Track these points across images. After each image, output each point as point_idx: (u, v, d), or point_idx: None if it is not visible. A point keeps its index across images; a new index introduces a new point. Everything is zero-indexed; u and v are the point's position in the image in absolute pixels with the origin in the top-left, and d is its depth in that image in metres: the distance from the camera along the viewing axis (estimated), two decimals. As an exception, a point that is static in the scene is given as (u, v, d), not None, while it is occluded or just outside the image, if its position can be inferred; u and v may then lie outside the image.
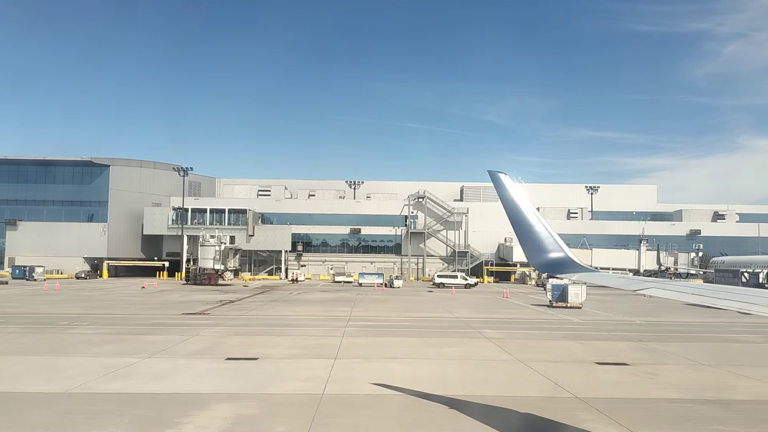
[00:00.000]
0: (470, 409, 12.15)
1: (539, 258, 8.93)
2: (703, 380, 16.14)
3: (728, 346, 23.39)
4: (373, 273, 77.39)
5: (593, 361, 19.01)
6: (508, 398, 13.33)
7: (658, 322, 33.14)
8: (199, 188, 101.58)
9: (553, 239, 8.92)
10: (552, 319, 33.26)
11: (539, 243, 8.93)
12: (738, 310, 5.98)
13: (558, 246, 8.86)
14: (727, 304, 6.06)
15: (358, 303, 43.11)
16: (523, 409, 12.27)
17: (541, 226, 9.06)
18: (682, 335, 26.76)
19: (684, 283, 8.24)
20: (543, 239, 8.93)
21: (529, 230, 9.07)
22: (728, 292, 6.60)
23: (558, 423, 11.36)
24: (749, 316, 34.94)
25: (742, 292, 6.59)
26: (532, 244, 8.98)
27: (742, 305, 5.95)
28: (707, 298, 6.38)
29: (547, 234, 8.97)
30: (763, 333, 27.79)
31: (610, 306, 43.86)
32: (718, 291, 6.73)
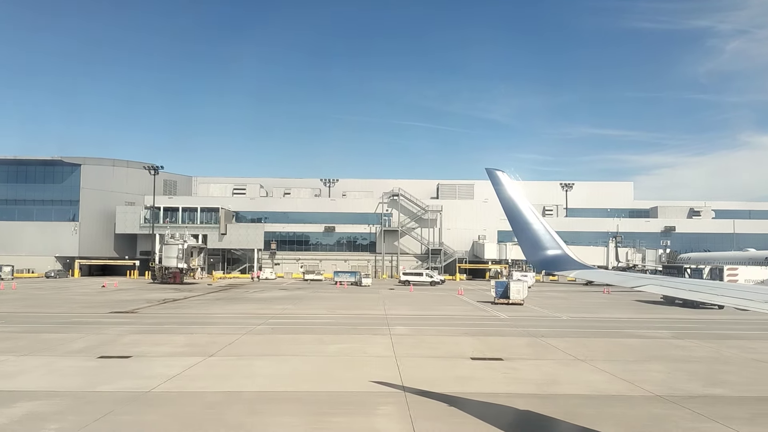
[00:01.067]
0: (258, 403, 12.31)
1: (537, 255, 8.94)
2: (554, 374, 16.18)
3: (627, 341, 23.40)
4: (347, 271, 77.31)
5: (470, 356, 19.04)
6: (317, 393, 13.48)
7: (588, 318, 33.19)
8: (174, 187, 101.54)
9: (551, 236, 8.94)
10: (480, 315, 33.26)
11: (537, 240, 8.94)
12: (735, 307, 6.00)
13: (556, 243, 8.89)
14: (725, 301, 6.07)
15: (302, 300, 43.12)
16: (308, 403, 12.39)
17: (539, 224, 9.07)
18: (593, 331, 26.81)
19: (680, 280, 8.26)
20: (540, 236, 8.95)
21: (527, 227, 9.08)
22: (725, 289, 6.61)
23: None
24: (702, 314, 35.20)
25: (739, 288, 6.56)
26: (529, 242, 9.00)
27: (739, 301, 5.96)
28: (705, 295, 6.41)
29: (545, 231, 8.99)
30: (679, 329, 27.86)
31: (553, 303, 43.97)
32: (714, 288, 6.74)
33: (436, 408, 12.15)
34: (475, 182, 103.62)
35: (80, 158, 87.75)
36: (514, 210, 9.21)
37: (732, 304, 5.94)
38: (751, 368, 17.70)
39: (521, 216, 9.13)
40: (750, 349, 21.59)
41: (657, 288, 7.39)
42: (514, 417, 11.79)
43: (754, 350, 21.30)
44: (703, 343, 23.01)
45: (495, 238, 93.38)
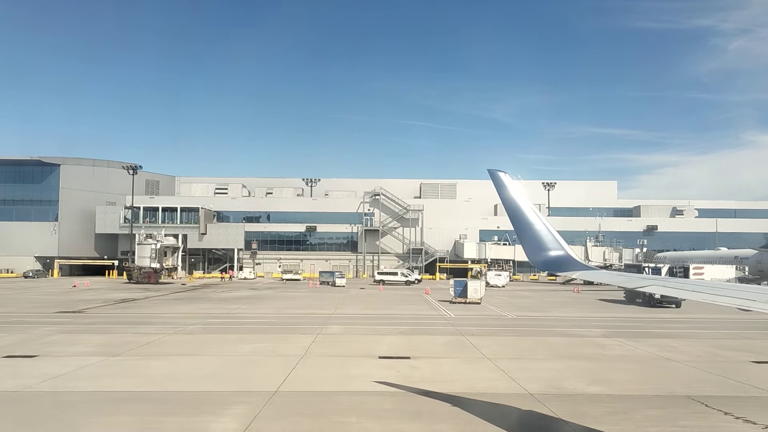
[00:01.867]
0: (109, 404, 12.28)
1: (539, 256, 8.86)
2: (448, 373, 16.13)
3: (552, 340, 23.33)
4: (329, 271, 76.98)
5: (379, 355, 18.94)
6: (179, 393, 13.42)
7: (534, 317, 33.09)
8: (157, 187, 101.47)
9: (553, 237, 8.86)
10: (428, 314, 33.13)
11: (539, 241, 8.86)
12: (738, 307, 5.94)
13: (558, 244, 8.81)
14: (727, 301, 6.02)
15: (261, 300, 43.03)
16: (159, 403, 12.37)
17: (541, 225, 9.00)
18: (529, 330, 26.76)
19: (683, 281, 8.23)
20: (543, 237, 8.87)
21: (529, 228, 9.02)
22: (728, 289, 6.57)
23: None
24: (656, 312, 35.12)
25: (742, 288, 6.54)
26: (532, 243, 8.92)
27: (743, 302, 5.94)
28: (707, 295, 6.38)
29: (547, 232, 8.91)
30: (615, 328, 27.80)
31: (513, 302, 43.93)
32: (717, 288, 6.69)
33: (289, 408, 12.06)
34: (458, 182, 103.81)
35: (59, 158, 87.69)
36: (516, 211, 9.18)
37: (734, 305, 5.93)
38: (652, 367, 17.62)
39: (523, 217, 9.09)
40: (671, 347, 21.50)
41: (659, 289, 7.41)
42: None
43: (674, 349, 21.21)
44: (628, 341, 22.93)
45: (476, 237, 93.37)
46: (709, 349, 21.37)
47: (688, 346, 21.78)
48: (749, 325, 29.13)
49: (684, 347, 21.66)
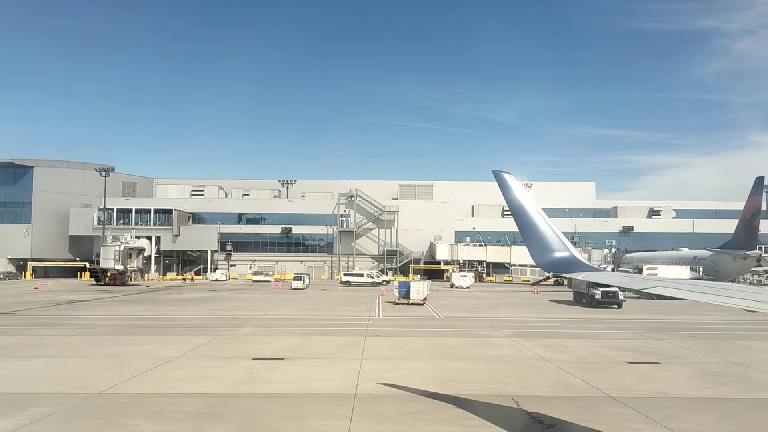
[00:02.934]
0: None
1: (544, 257, 8.83)
2: (302, 375, 16.15)
3: (450, 340, 23.42)
4: (305, 273, 76.72)
5: (254, 357, 18.93)
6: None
7: (464, 318, 33.10)
8: (134, 188, 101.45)
9: (558, 239, 8.84)
10: (360, 316, 33.00)
11: (544, 242, 8.84)
12: (745, 308, 5.94)
13: (563, 245, 8.78)
14: (733, 302, 6.03)
15: (205, 302, 42.86)
16: None
17: (546, 226, 8.96)
18: (442, 330, 26.84)
19: (689, 282, 8.16)
20: (548, 239, 8.83)
21: (534, 230, 8.98)
22: (734, 290, 6.56)
23: None
24: (593, 313, 35.06)
25: (748, 290, 6.53)
26: (536, 244, 8.89)
27: (749, 303, 5.93)
28: (713, 296, 6.37)
29: (552, 233, 8.88)
30: (529, 329, 27.78)
31: (457, 303, 44.01)
32: (723, 289, 6.67)
33: (88, 410, 12.08)
34: (435, 183, 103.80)
35: (32, 160, 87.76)
36: (521, 212, 9.11)
37: (740, 306, 5.91)
38: (518, 367, 17.62)
39: (528, 218, 9.03)
40: (561, 348, 21.52)
41: (664, 290, 7.34)
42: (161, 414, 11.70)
43: (563, 349, 21.23)
44: (525, 341, 22.93)
45: (452, 238, 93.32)
46: (597, 349, 21.36)
47: (579, 347, 21.78)
48: (675, 326, 29.30)
49: (574, 347, 21.66)
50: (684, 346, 22.34)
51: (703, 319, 33.90)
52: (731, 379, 16.17)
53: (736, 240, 54.77)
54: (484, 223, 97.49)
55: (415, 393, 13.73)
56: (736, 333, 26.94)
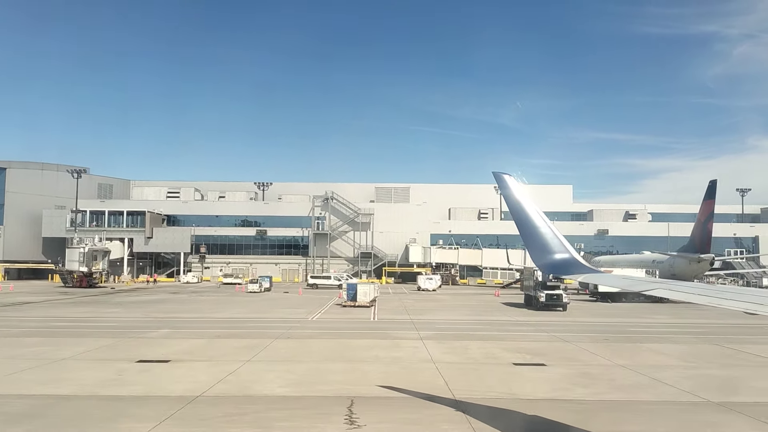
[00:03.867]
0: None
1: (544, 259, 8.77)
2: (162, 376, 16.09)
3: (351, 342, 23.37)
4: (267, 276, 76.76)
5: (138, 359, 18.91)
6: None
7: (401, 320, 33.05)
8: (110, 190, 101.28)
9: (559, 240, 8.77)
10: (292, 318, 33.05)
11: (544, 244, 8.76)
12: (744, 311, 5.96)
13: (563, 247, 8.71)
14: (733, 305, 6.02)
15: (148, 305, 42.41)
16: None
17: (546, 228, 8.89)
18: (358, 332, 26.76)
19: (689, 284, 8.09)
20: (548, 240, 8.76)
21: (534, 231, 8.90)
22: (734, 293, 6.53)
23: None
24: (536, 315, 35.23)
25: (748, 292, 6.52)
26: (536, 245, 8.82)
27: (748, 305, 5.92)
28: (713, 299, 6.36)
29: (552, 235, 8.81)
30: (455, 330, 27.83)
31: (412, 305, 44.18)
32: (723, 291, 6.71)
33: None
34: (411, 185, 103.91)
35: (5, 162, 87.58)
36: (521, 213, 9.04)
37: (741, 308, 5.92)
38: (393, 368, 17.67)
39: (528, 220, 8.96)
40: (461, 349, 21.63)
41: (664, 292, 7.30)
42: None
43: (462, 351, 21.38)
44: (435, 343, 23.12)
45: (428, 241, 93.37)
46: (495, 350, 21.47)
47: (480, 348, 21.91)
48: (601, 329, 29.49)
49: (475, 349, 21.80)
50: (588, 348, 22.43)
51: (643, 322, 34.14)
52: (598, 381, 16.24)
53: (692, 243, 55.10)
54: (461, 226, 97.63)
55: (254, 395, 13.77)
56: (658, 336, 27.04)
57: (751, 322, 32.02)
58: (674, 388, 15.30)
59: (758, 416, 12.46)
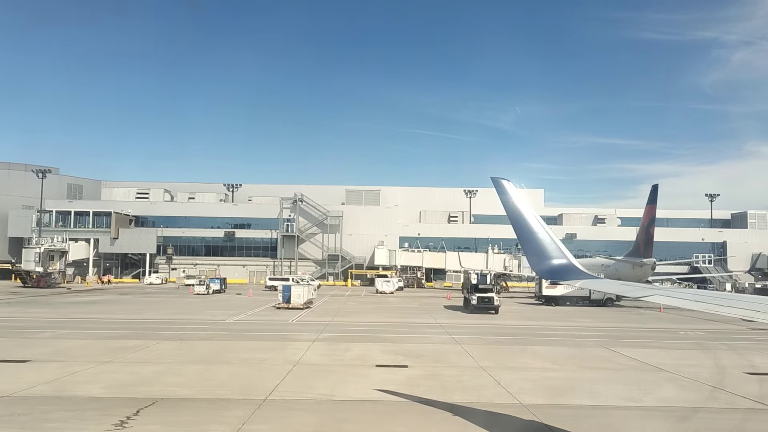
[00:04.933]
0: None
1: (542, 264, 8.77)
2: (46, 375, 16.08)
3: (232, 344, 23.45)
4: (218, 278, 76.44)
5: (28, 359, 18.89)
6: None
7: (320, 321, 33.07)
8: (80, 191, 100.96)
9: (556, 246, 8.76)
10: (211, 320, 33.05)
11: (542, 250, 8.76)
12: (741, 317, 5.91)
13: (561, 253, 8.70)
14: (729, 311, 5.97)
15: (79, 306, 42.52)
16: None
17: (544, 233, 8.87)
18: (262, 335, 26.79)
19: (686, 291, 8.14)
20: (546, 246, 8.75)
21: (532, 237, 8.89)
22: (731, 299, 6.52)
23: None
24: (471, 318, 35.28)
25: (745, 299, 6.46)
26: (534, 251, 8.81)
27: (746, 312, 5.86)
28: (710, 305, 6.33)
29: (550, 241, 8.80)
30: (345, 333, 27.89)
31: (342, 307, 44.12)
32: (720, 298, 6.64)
33: None
34: (382, 188, 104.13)
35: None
36: (519, 219, 9.03)
37: (738, 315, 5.85)
38: (240, 369, 17.74)
39: (526, 225, 8.96)
40: (340, 351, 21.76)
41: (661, 299, 7.26)
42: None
43: (342, 353, 21.50)
44: (320, 345, 23.31)
45: (396, 244, 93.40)
46: (373, 352, 21.75)
47: (362, 349, 22.22)
48: (510, 332, 29.61)
49: (357, 350, 22.13)
50: (471, 350, 22.53)
51: (561, 325, 34.31)
52: (434, 383, 16.26)
53: (637, 248, 55.43)
54: (430, 229, 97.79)
55: (63, 396, 13.88)
56: (558, 339, 27.27)
57: (686, 326, 32.39)
58: (504, 390, 15.40)
59: (538, 416, 12.57)
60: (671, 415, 13.45)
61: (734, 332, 31.51)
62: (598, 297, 50.67)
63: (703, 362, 20.92)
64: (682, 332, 31.14)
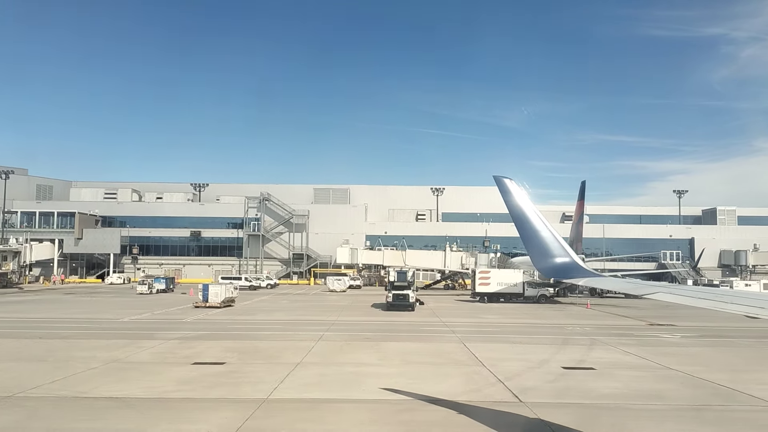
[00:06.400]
0: None
1: (545, 263, 8.83)
2: None
3: (85, 342, 23.66)
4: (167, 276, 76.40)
5: None
6: None
7: (224, 321, 33.36)
8: (50, 191, 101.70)
9: (559, 244, 8.83)
10: (113, 320, 33.36)
11: (545, 248, 8.81)
12: (745, 314, 5.87)
13: (564, 251, 8.78)
14: (733, 308, 5.99)
15: (19, 305, 43.04)
16: None
17: (547, 231, 8.95)
18: (162, 333, 27.10)
19: (690, 288, 8.18)
20: (549, 244, 8.81)
21: (535, 235, 8.97)
22: (735, 297, 6.53)
23: None
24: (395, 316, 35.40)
25: (749, 296, 6.48)
26: (537, 249, 8.87)
27: (749, 309, 5.87)
28: (715, 303, 6.35)
29: (553, 239, 8.87)
30: (250, 329, 28.18)
31: (264, 306, 44.34)
32: (724, 295, 6.66)
33: None
34: (351, 187, 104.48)
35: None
36: (522, 217, 9.16)
37: (742, 312, 5.86)
38: (43, 367, 18.02)
39: (529, 224, 9.06)
40: (229, 350, 21.88)
41: (667, 296, 7.22)
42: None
43: (189, 348, 21.66)
44: (174, 343, 23.47)
45: (363, 242, 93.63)
46: (212, 351, 21.83)
47: (202, 349, 22.32)
48: (408, 327, 29.81)
49: (201, 349, 22.19)
50: (316, 347, 22.82)
51: (461, 321, 34.40)
52: (210, 381, 16.48)
53: (570, 245, 55.51)
54: (398, 227, 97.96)
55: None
56: (428, 336, 27.44)
57: (590, 322, 32.47)
58: (268, 386, 15.61)
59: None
60: (396, 408, 13.60)
61: (629, 328, 31.77)
62: (532, 293, 50.81)
63: (531, 357, 21.10)
64: (569, 328, 31.31)
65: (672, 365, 19.67)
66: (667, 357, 21.55)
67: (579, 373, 18.26)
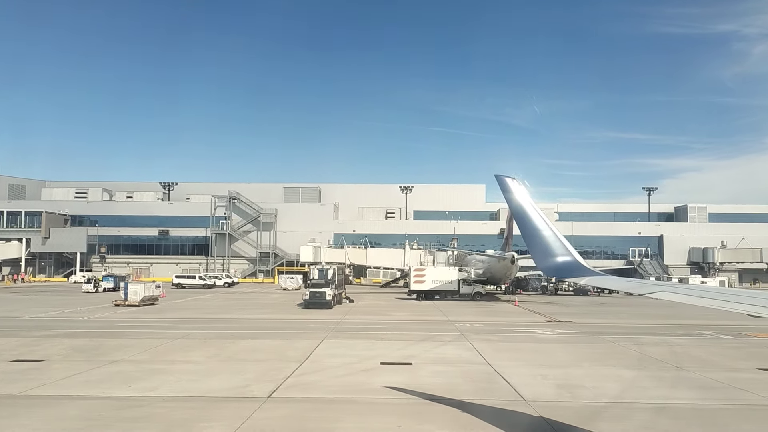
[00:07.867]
0: None
1: (547, 262, 8.88)
2: None
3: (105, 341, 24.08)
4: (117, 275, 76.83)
5: None
6: None
7: (151, 318, 33.67)
8: (23, 191, 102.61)
9: (561, 243, 8.92)
10: (21, 317, 33.79)
11: (546, 247, 8.88)
12: (748, 313, 5.90)
13: (566, 250, 8.83)
14: (735, 307, 6.04)
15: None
16: None
17: (549, 230, 9.09)
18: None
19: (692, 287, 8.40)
20: (550, 243, 8.90)
21: (536, 234, 9.05)
22: (737, 296, 6.61)
23: None
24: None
25: (751, 295, 6.53)
26: (539, 248, 8.93)
27: (751, 308, 5.88)
28: (716, 301, 6.40)
29: (555, 238, 8.98)
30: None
31: (186, 304, 44.67)
32: (726, 294, 6.85)
33: None
34: (321, 185, 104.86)
35: None
36: (523, 216, 9.22)
37: (743, 311, 5.88)
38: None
39: (531, 223, 9.14)
40: (100, 344, 22.21)
41: (667, 295, 7.20)
42: None
43: (55, 344, 21.96)
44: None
45: (331, 240, 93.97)
46: (101, 347, 22.10)
47: (109, 344, 22.56)
48: (299, 326, 29.95)
49: (52, 345, 22.45)
50: (179, 343, 23.05)
51: (371, 319, 34.65)
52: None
53: (505, 243, 55.77)
54: (367, 225, 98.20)
55: None
56: (305, 334, 27.65)
57: (495, 319, 32.67)
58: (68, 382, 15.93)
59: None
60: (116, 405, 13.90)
61: (521, 324, 31.96)
62: (467, 291, 50.94)
63: (368, 353, 21.24)
64: (460, 324, 31.50)
65: (494, 360, 19.83)
66: (504, 353, 21.78)
67: (388, 368, 18.44)
